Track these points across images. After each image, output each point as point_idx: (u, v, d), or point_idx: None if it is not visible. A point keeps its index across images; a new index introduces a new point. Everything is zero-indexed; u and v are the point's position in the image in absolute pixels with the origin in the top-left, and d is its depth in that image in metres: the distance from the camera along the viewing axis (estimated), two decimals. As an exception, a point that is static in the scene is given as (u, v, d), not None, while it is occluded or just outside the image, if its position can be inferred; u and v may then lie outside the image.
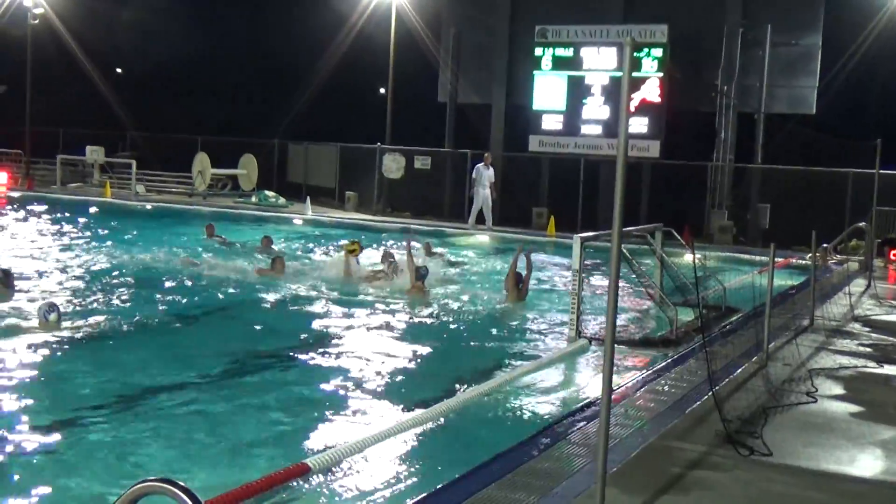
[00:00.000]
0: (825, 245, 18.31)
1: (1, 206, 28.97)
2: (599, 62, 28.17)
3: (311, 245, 22.41)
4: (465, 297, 15.21)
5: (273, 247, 19.90)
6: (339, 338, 11.90)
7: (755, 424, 7.80)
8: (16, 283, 13.19)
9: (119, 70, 56.26)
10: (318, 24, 42.85)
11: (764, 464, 6.93)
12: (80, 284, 14.91)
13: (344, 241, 16.82)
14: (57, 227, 23.33)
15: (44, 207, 27.98)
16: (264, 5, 53.07)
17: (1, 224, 23.73)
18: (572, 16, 28.79)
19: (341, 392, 9.40)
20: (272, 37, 51.33)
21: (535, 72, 29.01)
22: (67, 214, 25.67)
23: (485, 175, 27.90)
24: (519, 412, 8.79)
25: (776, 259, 11.47)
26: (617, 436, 7.26)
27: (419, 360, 11.00)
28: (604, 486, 5.37)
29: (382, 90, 38.23)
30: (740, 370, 9.95)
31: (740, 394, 8.94)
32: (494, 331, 12.87)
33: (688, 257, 15.54)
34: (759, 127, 28.29)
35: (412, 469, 7.07)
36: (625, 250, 11.31)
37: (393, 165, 31.80)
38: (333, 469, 6.69)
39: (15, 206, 28.68)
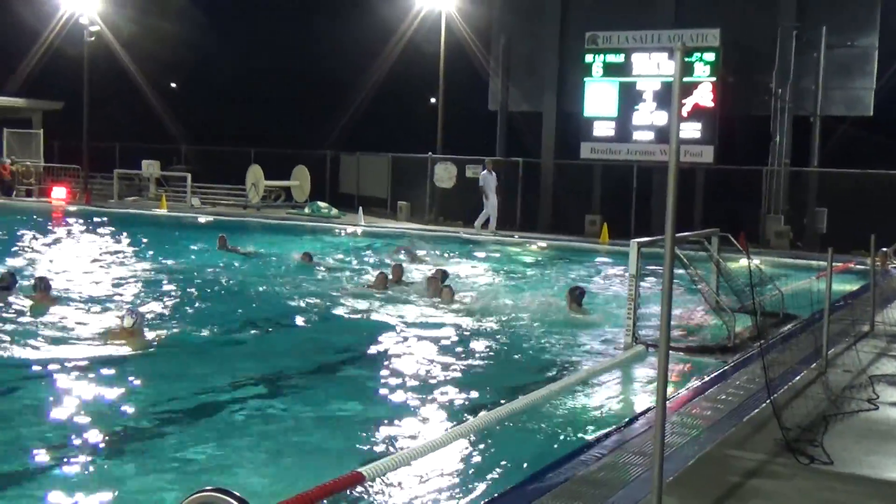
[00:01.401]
0: (885, 249, 17.99)
1: (60, 221, 29.52)
2: (651, 68, 28.01)
3: (366, 256, 22.48)
4: (518, 305, 15.18)
5: (312, 261, 19.99)
6: (395, 348, 11.94)
7: (815, 432, 7.68)
8: (55, 292, 13.53)
9: (173, 84, 57.08)
10: (368, 34, 43.09)
11: (824, 472, 6.82)
12: (138, 296, 15.13)
13: (432, 270, 16.87)
14: (114, 239, 23.71)
15: (101, 221, 28.44)
16: (314, 18, 53.49)
17: (61, 238, 24.15)
18: (623, 21, 28.64)
19: (395, 401, 9.44)
20: (323, 48, 51.70)
21: (585, 78, 28.93)
22: (124, 227, 26.05)
23: (491, 180, 28.27)
24: (574, 420, 8.75)
25: (834, 264, 11.29)
26: (673, 444, 7.19)
27: (473, 369, 11.01)
28: (660, 495, 5.32)
29: (433, 100, 38.33)
30: (799, 377, 9.81)
31: (799, 401, 8.80)
32: (549, 338, 12.84)
33: (744, 263, 15.36)
34: (815, 130, 27.86)
35: (467, 478, 7.06)
36: (681, 255, 11.24)
37: (444, 175, 31.87)
38: (387, 478, 6.70)
39: (74, 220, 29.20)
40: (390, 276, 16.52)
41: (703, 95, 27.16)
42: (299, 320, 13.91)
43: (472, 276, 18.97)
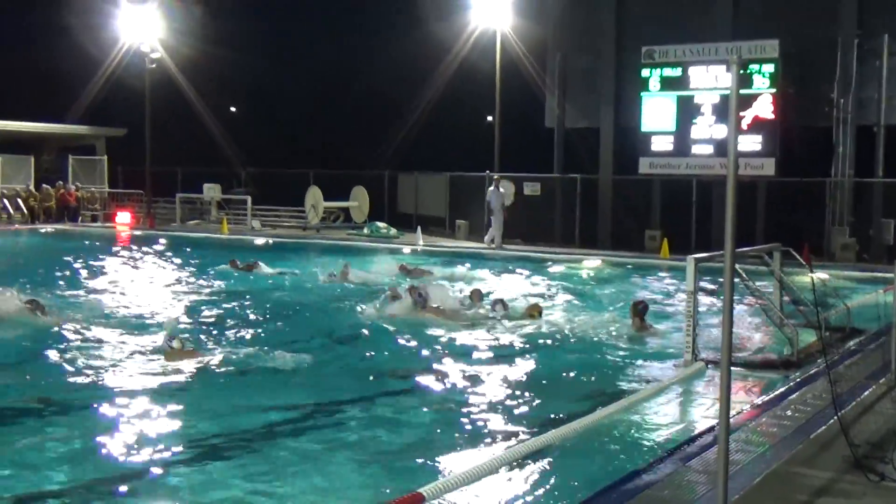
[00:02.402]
0: None
1: (125, 245, 30.05)
2: (709, 81, 27.78)
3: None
4: (577, 322, 15.09)
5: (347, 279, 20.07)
6: (451, 367, 11.92)
7: (885, 449, 7.49)
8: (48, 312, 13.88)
9: (233, 109, 57.92)
10: (424, 54, 43.36)
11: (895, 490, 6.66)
12: (193, 317, 15.30)
13: (532, 302, 16.85)
14: (177, 263, 24.03)
15: (165, 244, 28.90)
16: (371, 39, 53.97)
17: (126, 262, 24.57)
18: (679, 35, 28.46)
19: (455, 420, 9.42)
20: (379, 69, 52.14)
21: (642, 93, 28.79)
22: (187, 251, 26.43)
23: (497, 197, 28.86)
24: (636, 438, 8.65)
25: (902, 276, 11.06)
26: (738, 462, 7.08)
27: (532, 387, 10.94)
28: (725, 513, 5.24)
29: (490, 118, 38.38)
30: (867, 392, 9.60)
31: (868, 417, 8.62)
32: (609, 355, 12.74)
33: (808, 277, 15.11)
34: (880, 139, 27.38)
35: (528, 498, 7.01)
36: (741, 271, 11.09)
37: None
38: (447, 498, 6.67)
39: (138, 245, 29.71)
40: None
41: (763, 107, 26.86)
42: (349, 340, 13.88)
43: (531, 294, 18.89)
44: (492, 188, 29.37)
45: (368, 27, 55.37)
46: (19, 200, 37.14)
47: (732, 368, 5.57)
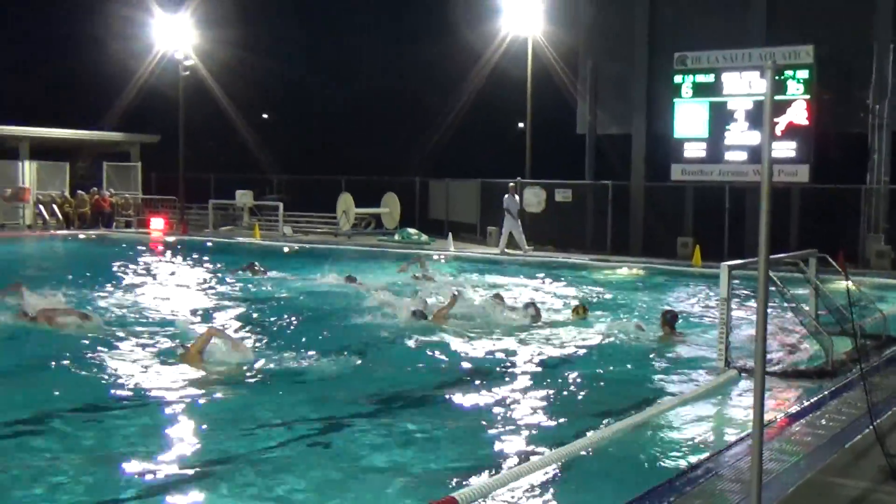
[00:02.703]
0: None
1: (158, 250, 30.29)
2: (742, 87, 27.61)
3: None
4: (609, 329, 15.04)
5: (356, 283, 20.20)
6: (485, 372, 11.93)
7: (922, 459, 7.42)
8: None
9: (265, 116, 58.26)
10: (455, 61, 43.46)
11: (932, 500, 6.58)
12: (231, 322, 15.40)
13: (575, 302, 16.80)
14: (209, 268, 24.18)
15: (198, 250, 29.10)
16: (402, 47, 54.12)
17: (157, 267, 24.77)
18: (712, 41, 28.32)
19: (486, 426, 9.42)
20: (410, 76, 52.27)
21: (675, 100, 28.66)
22: (219, 256, 26.59)
23: (514, 203, 29.12)
24: (669, 446, 8.61)
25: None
26: (772, 471, 7.03)
27: (566, 393, 10.93)
28: (759, 523, 5.21)
29: (521, 124, 38.37)
30: (903, 401, 9.50)
31: (904, 426, 8.53)
32: (642, 363, 12.68)
33: (843, 284, 14.97)
34: (916, 146, 27.13)
35: (560, 503, 7.00)
36: (776, 278, 11.00)
37: (534, 199, 31.79)
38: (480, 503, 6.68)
39: (171, 250, 29.94)
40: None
41: (798, 113, 26.65)
42: (380, 344, 13.90)
43: (563, 300, 18.87)
44: (507, 196, 29.45)
45: (400, 34, 55.55)
46: (55, 206, 37.54)
47: (766, 377, 5.53)
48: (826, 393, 10.10)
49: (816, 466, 7.33)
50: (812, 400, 9.81)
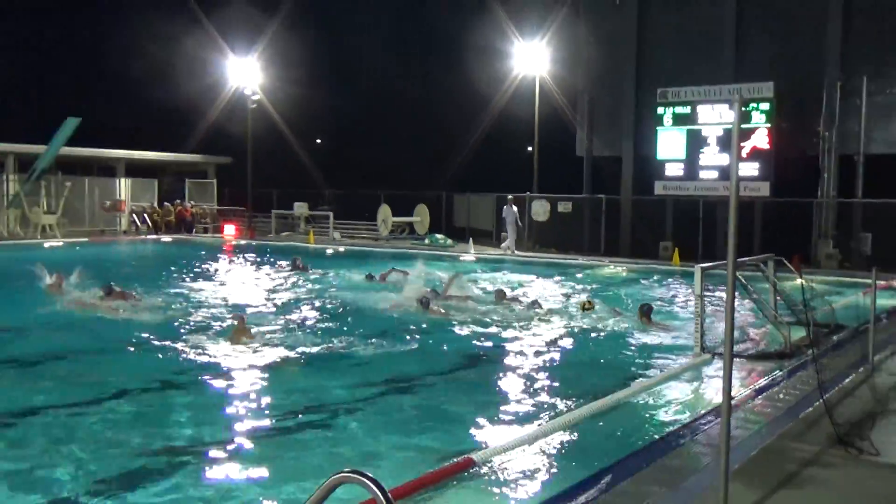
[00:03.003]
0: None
1: (230, 253, 30.46)
2: (714, 116, 27.47)
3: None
4: (602, 319, 14.99)
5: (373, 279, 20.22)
6: (491, 356, 11.92)
7: (863, 428, 7.38)
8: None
9: (318, 140, 58.51)
10: (474, 96, 43.51)
11: (872, 462, 6.55)
12: (290, 314, 15.47)
13: (582, 299, 16.74)
14: (273, 267, 24.31)
15: (262, 252, 29.25)
16: (429, 82, 54.24)
17: (231, 265, 24.92)
18: (689, 78, 28.19)
19: (497, 399, 9.43)
20: (437, 107, 52.35)
21: (658, 127, 28.53)
22: (280, 257, 26.71)
23: (511, 213, 29.85)
24: (651, 415, 8.60)
25: (878, 282, 10.86)
26: (738, 437, 7.01)
27: (562, 372, 10.94)
28: (727, 481, 5.20)
29: (530, 147, 38.28)
30: (848, 380, 9.44)
31: (849, 400, 8.49)
32: (629, 347, 12.65)
33: (798, 282, 14.84)
34: (859, 166, 26.83)
35: (559, 464, 7.01)
36: (741, 277, 10.96)
37: (540, 210, 31.79)
38: (493, 463, 6.70)
39: (241, 252, 30.12)
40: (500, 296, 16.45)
41: (760, 139, 26.48)
42: (418, 331, 13.86)
43: (566, 293, 18.83)
44: (506, 206, 30.10)
45: (428, 72, 55.68)
46: (145, 215, 37.84)
47: (734, 358, 5.53)
48: (784, 372, 10.05)
49: (775, 433, 7.31)
50: (772, 378, 9.76)
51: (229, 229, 37.06)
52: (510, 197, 30.57)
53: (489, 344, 12.70)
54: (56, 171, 35.81)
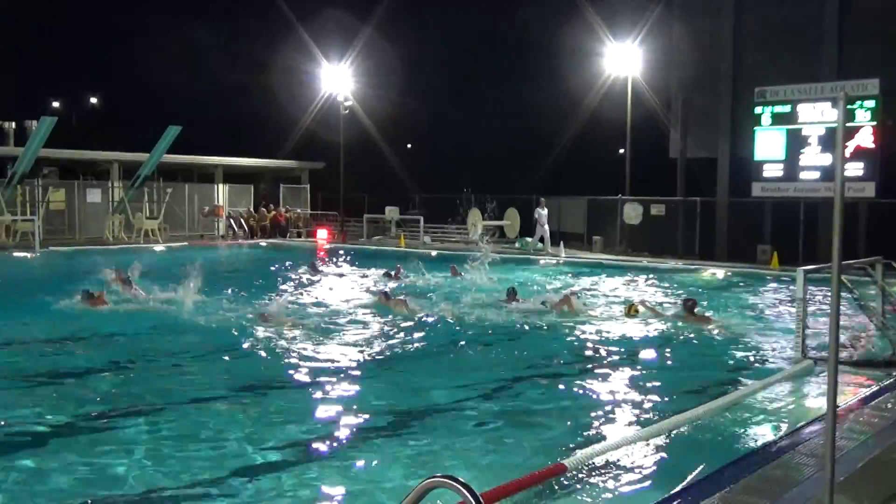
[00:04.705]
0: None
1: (323, 255, 31.01)
2: (815, 115, 26.51)
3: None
4: (695, 324, 14.65)
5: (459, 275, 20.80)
6: (580, 361, 11.78)
7: (980, 440, 7.00)
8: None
9: (409, 145, 59.09)
10: (566, 97, 43.25)
11: None
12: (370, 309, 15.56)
13: (635, 301, 16.53)
14: (364, 269, 24.57)
15: (355, 255, 29.69)
16: (521, 86, 54.10)
17: (324, 269, 25.36)
18: (788, 76, 27.34)
19: (590, 404, 9.31)
20: (528, 110, 52.21)
21: (755, 128, 27.70)
22: (372, 260, 27.03)
23: (543, 215, 31.41)
24: (751, 424, 8.33)
25: None
26: (843, 448, 6.74)
27: (658, 377, 10.72)
28: (832, 493, 5.00)
29: (622, 150, 37.83)
30: (963, 389, 8.97)
31: (964, 411, 8.05)
32: (727, 353, 12.33)
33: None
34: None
35: (656, 472, 6.86)
36: (846, 281, 10.55)
37: (632, 213, 31.34)
38: (586, 469, 6.62)
39: (333, 255, 30.63)
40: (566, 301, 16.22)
41: (865, 138, 25.44)
42: (507, 336, 13.76)
43: (656, 299, 18.49)
44: (538, 208, 31.63)
45: (521, 77, 55.58)
46: (242, 220, 38.84)
47: (838, 365, 5.32)
48: (892, 381, 9.63)
49: (883, 445, 7.00)
50: (879, 386, 9.36)
51: (322, 233, 37.72)
52: (542, 199, 32.08)
53: (577, 348, 12.57)
54: (157, 178, 37.17)
